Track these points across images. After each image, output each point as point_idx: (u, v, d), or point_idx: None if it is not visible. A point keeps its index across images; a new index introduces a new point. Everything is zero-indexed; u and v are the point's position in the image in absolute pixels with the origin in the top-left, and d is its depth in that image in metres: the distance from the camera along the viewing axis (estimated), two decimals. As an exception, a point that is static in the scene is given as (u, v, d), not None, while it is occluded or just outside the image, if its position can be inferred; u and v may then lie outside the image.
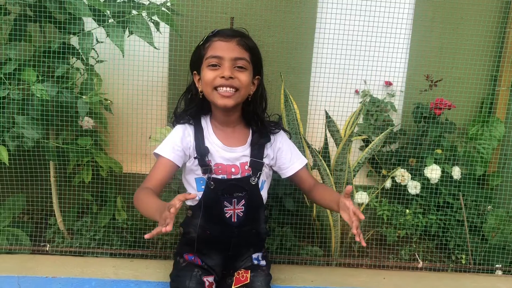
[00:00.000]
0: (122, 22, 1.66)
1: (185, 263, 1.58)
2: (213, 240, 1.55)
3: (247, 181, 1.52)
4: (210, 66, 1.43)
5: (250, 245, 1.62)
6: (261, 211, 1.61)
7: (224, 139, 1.53)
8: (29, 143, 1.72)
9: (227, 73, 1.40)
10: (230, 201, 1.52)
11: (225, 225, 1.53)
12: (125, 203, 2.03)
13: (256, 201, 1.56)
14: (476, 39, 2.22)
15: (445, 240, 2.13)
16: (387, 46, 2.08)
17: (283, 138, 1.63)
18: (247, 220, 1.55)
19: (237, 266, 1.60)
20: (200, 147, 1.50)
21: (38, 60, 1.71)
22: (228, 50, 1.42)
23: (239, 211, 1.53)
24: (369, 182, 2.31)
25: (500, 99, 2.26)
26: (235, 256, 1.60)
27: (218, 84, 1.42)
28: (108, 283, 1.76)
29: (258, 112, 1.57)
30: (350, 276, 1.93)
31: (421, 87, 2.16)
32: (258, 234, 1.61)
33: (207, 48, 1.44)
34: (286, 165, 1.61)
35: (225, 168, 1.51)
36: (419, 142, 2.14)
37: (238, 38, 1.44)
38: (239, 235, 1.55)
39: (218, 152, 1.51)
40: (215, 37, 1.44)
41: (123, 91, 1.92)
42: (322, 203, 1.57)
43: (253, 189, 1.54)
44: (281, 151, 1.60)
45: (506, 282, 1.97)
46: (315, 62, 2.23)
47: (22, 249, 1.93)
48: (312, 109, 2.19)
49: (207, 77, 1.43)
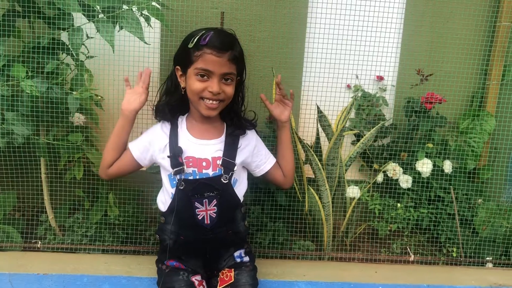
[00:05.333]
0: (112, 17, 1.65)
1: (168, 269, 1.57)
2: (188, 246, 1.54)
3: (218, 180, 1.51)
4: (198, 76, 1.45)
5: (229, 246, 1.60)
6: (237, 210, 1.59)
7: (198, 133, 1.55)
8: (19, 140, 1.71)
9: (215, 89, 1.44)
10: (201, 202, 1.50)
11: (198, 228, 1.51)
12: (117, 199, 2.02)
13: (229, 200, 1.54)
14: (467, 33, 2.22)
15: (436, 233, 2.15)
16: (378, 41, 2.09)
17: (257, 137, 1.67)
18: (220, 222, 1.53)
19: (220, 266, 1.59)
20: (174, 147, 1.51)
21: (28, 56, 1.69)
22: (219, 65, 1.44)
23: (211, 211, 1.51)
24: (361, 177, 2.32)
25: (491, 93, 2.27)
26: (215, 258, 1.59)
27: (206, 97, 1.46)
28: (100, 280, 1.75)
29: (236, 110, 1.61)
30: (342, 270, 1.95)
31: (412, 81, 2.16)
32: (235, 234, 1.59)
33: (198, 57, 1.44)
34: (263, 161, 1.66)
35: (196, 161, 1.50)
36: (410, 136, 2.15)
37: (229, 53, 1.45)
38: (214, 237, 1.54)
39: (191, 146, 1.52)
40: (208, 48, 1.43)
41: (113, 86, 1.91)
42: (281, 157, 1.71)
43: (225, 188, 1.52)
44: (257, 148, 1.65)
45: (496, 274, 1.99)
46: (307, 57, 2.23)
47: (14, 246, 1.92)
48: (304, 104, 2.19)
49: (195, 87, 1.45)
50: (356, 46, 2.14)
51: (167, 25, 1.75)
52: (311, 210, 2.01)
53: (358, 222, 2.17)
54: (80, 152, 1.90)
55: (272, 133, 2.04)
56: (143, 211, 2.10)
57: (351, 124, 2.21)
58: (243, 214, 1.62)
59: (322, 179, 1.94)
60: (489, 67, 2.27)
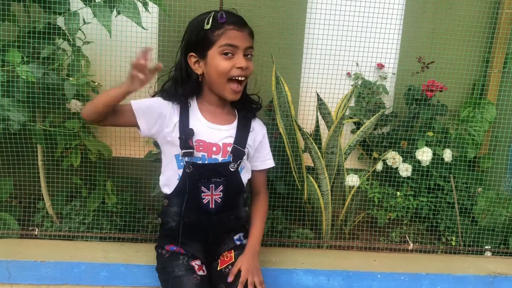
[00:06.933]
0: (109, 2, 1.62)
1: (168, 253, 1.56)
2: (192, 228, 1.54)
3: (226, 167, 1.50)
4: (223, 55, 1.43)
5: (230, 230, 1.61)
6: (240, 196, 1.60)
7: (210, 117, 1.52)
8: (15, 126, 1.69)
9: (244, 64, 1.43)
10: (208, 187, 1.49)
11: (203, 212, 1.51)
12: (115, 186, 2.01)
13: (235, 186, 1.55)
14: (469, 21, 2.20)
15: (435, 222, 2.15)
16: (379, 28, 2.06)
17: (265, 134, 1.66)
18: (225, 206, 1.54)
19: (221, 251, 1.59)
20: (185, 128, 1.48)
21: (23, 41, 1.67)
22: (243, 39, 1.44)
23: (217, 197, 1.51)
24: (360, 165, 2.31)
25: (492, 81, 2.25)
26: (216, 243, 1.59)
27: (235, 75, 1.44)
28: (97, 267, 1.75)
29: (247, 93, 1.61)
30: (341, 258, 1.94)
31: (413, 69, 2.14)
32: (237, 219, 1.60)
33: (220, 35, 1.42)
34: (260, 160, 1.65)
35: (207, 145, 1.49)
36: (411, 125, 2.14)
37: (247, 27, 1.48)
38: (217, 221, 1.54)
39: (203, 129, 1.49)
40: (228, 25, 1.42)
41: (111, 72, 1.89)
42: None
43: (232, 174, 1.52)
44: (262, 144, 1.64)
45: (495, 263, 1.99)
46: (307, 43, 2.21)
47: (11, 234, 1.91)
48: (304, 92, 2.17)
49: (222, 66, 1.43)
50: (356, 33, 2.12)
51: (164, 10, 1.73)
52: (310, 199, 2.00)
53: (357, 211, 2.17)
54: (77, 139, 1.88)
55: (271, 121, 2.03)
56: (141, 199, 2.09)
57: (351, 112, 2.19)
58: (245, 200, 1.63)
59: (321, 167, 1.93)
60: (490, 55, 2.25)
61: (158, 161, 1.91)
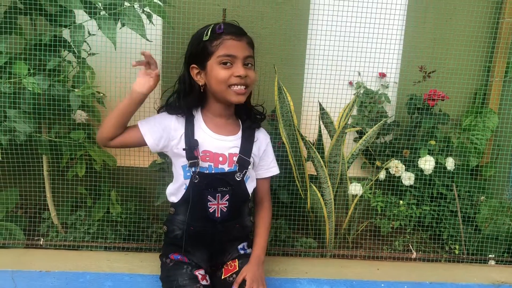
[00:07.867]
0: (114, 14, 1.65)
1: (172, 262, 1.57)
2: (197, 236, 1.55)
3: (232, 176, 1.52)
4: (222, 64, 1.45)
5: (234, 240, 1.62)
6: (246, 205, 1.61)
7: (215, 128, 1.54)
8: (21, 137, 1.71)
9: (242, 72, 1.45)
10: (214, 196, 1.51)
11: (209, 220, 1.53)
12: (120, 196, 2.03)
13: (241, 195, 1.56)
14: (470, 30, 2.22)
15: (438, 230, 2.15)
16: (381, 38, 2.08)
17: (269, 142, 1.68)
18: (230, 215, 1.55)
19: (225, 260, 1.61)
20: (190, 139, 1.50)
21: (29, 53, 1.69)
22: (240, 49, 1.46)
23: (223, 206, 1.53)
24: (363, 174, 2.32)
25: (494, 90, 2.26)
26: (220, 252, 1.60)
27: (234, 83, 1.45)
28: (102, 277, 1.76)
29: (250, 104, 1.63)
30: (344, 267, 1.94)
31: (415, 78, 2.16)
32: (242, 227, 1.62)
33: (218, 46, 1.44)
34: (265, 168, 1.66)
35: (213, 156, 1.50)
36: (413, 134, 2.15)
37: (246, 36, 1.49)
38: (222, 230, 1.56)
39: (208, 140, 1.51)
40: (226, 35, 1.44)
41: (115, 84, 1.91)
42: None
43: (238, 184, 1.54)
44: (266, 152, 1.65)
45: (499, 271, 1.98)
46: (309, 53, 2.22)
47: (16, 244, 1.92)
48: (306, 101, 2.18)
49: (221, 75, 1.45)
50: (358, 43, 2.14)
51: (169, 22, 1.75)
52: (313, 208, 2.01)
53: (360, 219, 2.17)
54: (82, 150, 1.90)
55: (274, 131, 2.04)
56: (145, 209, 2.10)
57: (353, 121, 2.20)
58: (250, 209, 1.64)
59: (324, 176, 1.93)
60: (492, 64, 2.26)
61: (162, 171, 1.93)
